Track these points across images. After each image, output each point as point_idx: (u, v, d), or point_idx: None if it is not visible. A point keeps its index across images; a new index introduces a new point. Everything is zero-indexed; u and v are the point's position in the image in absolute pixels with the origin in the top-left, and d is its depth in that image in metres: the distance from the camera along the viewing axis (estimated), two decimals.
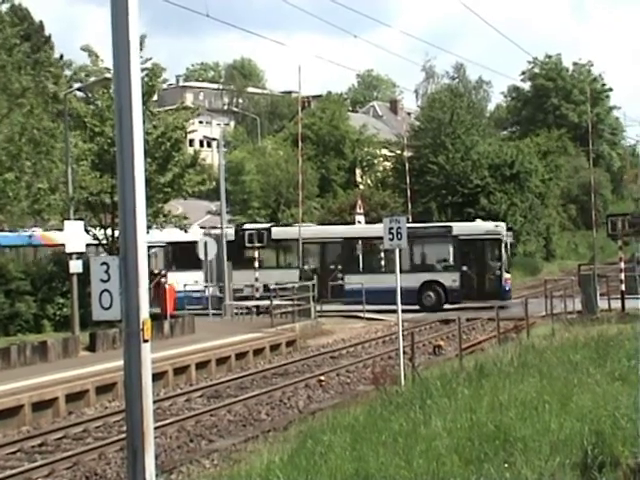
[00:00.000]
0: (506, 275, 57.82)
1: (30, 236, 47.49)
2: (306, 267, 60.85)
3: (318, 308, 54.17)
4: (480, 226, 60.09)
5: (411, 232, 40.53)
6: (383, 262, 58.21)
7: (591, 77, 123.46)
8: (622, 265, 51.95)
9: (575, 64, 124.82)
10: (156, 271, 47.60)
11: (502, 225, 59.30)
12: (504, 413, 16.78)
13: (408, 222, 32.50)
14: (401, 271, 30.60)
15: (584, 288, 49.64)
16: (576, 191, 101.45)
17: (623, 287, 50.61)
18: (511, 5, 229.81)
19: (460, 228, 59.78)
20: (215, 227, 64.63)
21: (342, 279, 60.17)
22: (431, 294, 57.13)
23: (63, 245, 39.45)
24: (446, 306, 56.84)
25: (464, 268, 57.89)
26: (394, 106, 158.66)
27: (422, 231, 58.27)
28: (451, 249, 59.19)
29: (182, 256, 62.74)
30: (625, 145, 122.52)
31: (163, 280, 46.79)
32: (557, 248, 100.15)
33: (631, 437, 13.85)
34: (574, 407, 17.04)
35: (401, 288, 30.94)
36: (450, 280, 56.58)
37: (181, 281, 55.66)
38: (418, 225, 59.69)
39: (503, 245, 57.54)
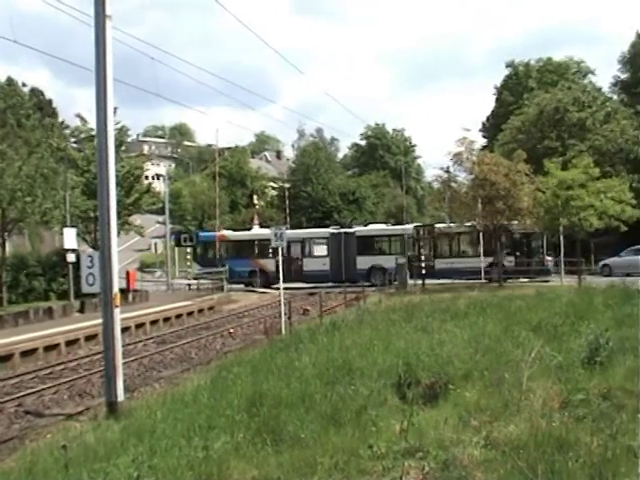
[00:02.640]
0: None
1: None
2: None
3: (228, 286, 54.06)
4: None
5: None
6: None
7: (404, 137, 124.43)
8: (422, 257, 52.56)
9: (394, 130, 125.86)
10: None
11: None
12: (349, 352, 16.80)
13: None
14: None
15: (399, 272, 50.15)
16: (394, 210, 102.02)
17: (423, 271, 51.25)
18: (355, 87, 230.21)
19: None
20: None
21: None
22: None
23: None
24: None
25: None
26: (279, 155, 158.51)
27: None
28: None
29: None
30: (425, 181, 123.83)
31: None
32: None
33: (427, 366, 13.96)
34: (393, 348, 17.10)
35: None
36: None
37: None
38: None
39: None
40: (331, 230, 60.41)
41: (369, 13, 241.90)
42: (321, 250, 59.18)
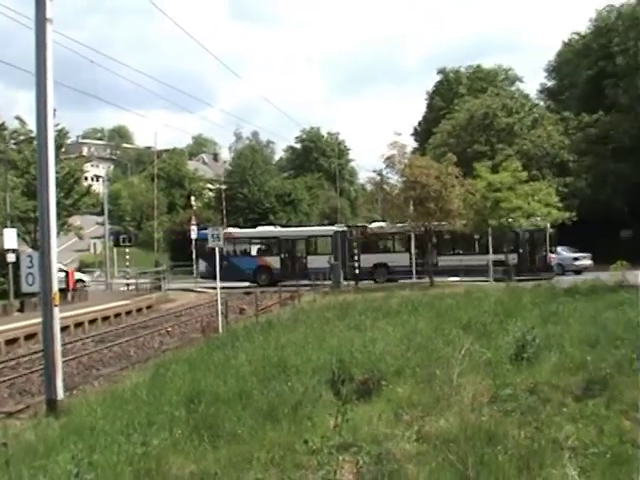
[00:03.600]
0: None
1: None
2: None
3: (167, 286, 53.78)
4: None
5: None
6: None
7: (338, 141, 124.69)
8: (356, 257, 52.76)
9: (328, 133, 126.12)
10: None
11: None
12: (284, 350, 16.84)
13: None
14: None
15: (334, 272, 50.26)
16: (328, 211, 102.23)
17: (357, 271, 51.48)
18: (291, 91, 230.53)
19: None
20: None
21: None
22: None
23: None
24: None
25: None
26: (216, 157, 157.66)
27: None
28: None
29: None
30: (359, 183, 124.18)
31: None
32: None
33: (360, 363, 14.04)
34: (327, 346, 17.18)
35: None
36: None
37: None
38: None
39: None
40: (335, 228, 59.06)
41: (305, 19, 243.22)
42: (325, 248, 57.33)
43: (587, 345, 15.06)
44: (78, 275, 56.89)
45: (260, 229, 62.89)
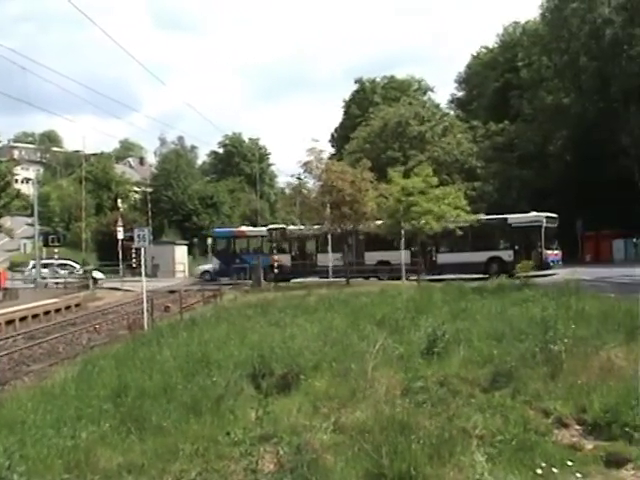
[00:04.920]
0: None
1: None
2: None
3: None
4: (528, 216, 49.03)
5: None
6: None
7: (258, 146, 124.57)
8: (275, 257, 52.81)
9: (250, 138, 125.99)
10: None
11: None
12: (207, 346, 16.77)
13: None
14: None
15: (254, 271, 50.22)
16: (249, 213, 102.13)
17: (276, 270, 51.53)
18: (214, 98, 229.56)
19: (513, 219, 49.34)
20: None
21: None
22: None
23: None
24: None
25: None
26: (142, 161, 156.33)
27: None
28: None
29: None
30: (278, 186, 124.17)
31: None
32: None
33: (280, 358, 14.04)
34: (248, 342, 17.16)
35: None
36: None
37: None
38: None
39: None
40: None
41: (226, 29, 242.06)
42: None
43: (494, 339, 15.27)
44: (96, 274, 56.16)
45: (272, 227, 61.33)
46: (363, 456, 8.32)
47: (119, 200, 75.30)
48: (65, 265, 62.92)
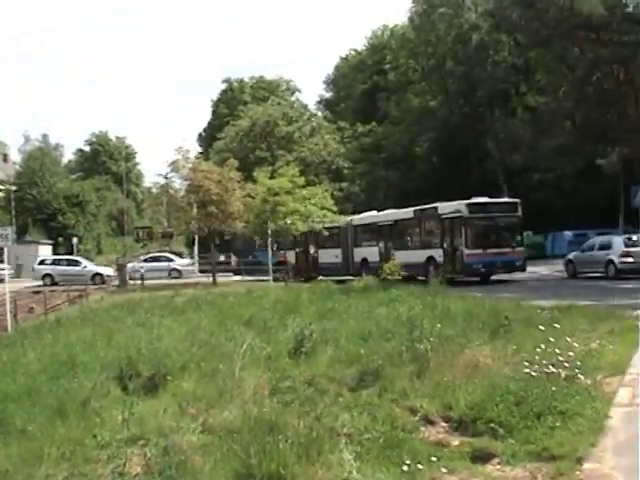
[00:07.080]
0: None
1: None
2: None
3: None
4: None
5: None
6: None
7: (125, 145, 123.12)
8: (142, 258, 52.29)
9: (117, 137, 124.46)
10: None
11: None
12: (73, 347, 16.48)
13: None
14: None
15: (120, 271, 49.49)
16: (115, 213, 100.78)
17: (142, 270, 50.99)
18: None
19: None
20: None
21: None
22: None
23: None
24: None
25: None
26: (5, 158, 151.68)
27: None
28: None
29: None
30: (145, 186, 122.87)
31: None
32: (105, 247, 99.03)
33: (147, 359, 13.94)
34: (115, 343, 16.97)
35: None
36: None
37: None
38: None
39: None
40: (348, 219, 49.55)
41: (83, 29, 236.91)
42: (333, 242, 49.65)
43: (361, 339, 15.45)
44: (102, 269, 53.61)
45: None
46: (232, 456, 8.34)
47: None
48: None
